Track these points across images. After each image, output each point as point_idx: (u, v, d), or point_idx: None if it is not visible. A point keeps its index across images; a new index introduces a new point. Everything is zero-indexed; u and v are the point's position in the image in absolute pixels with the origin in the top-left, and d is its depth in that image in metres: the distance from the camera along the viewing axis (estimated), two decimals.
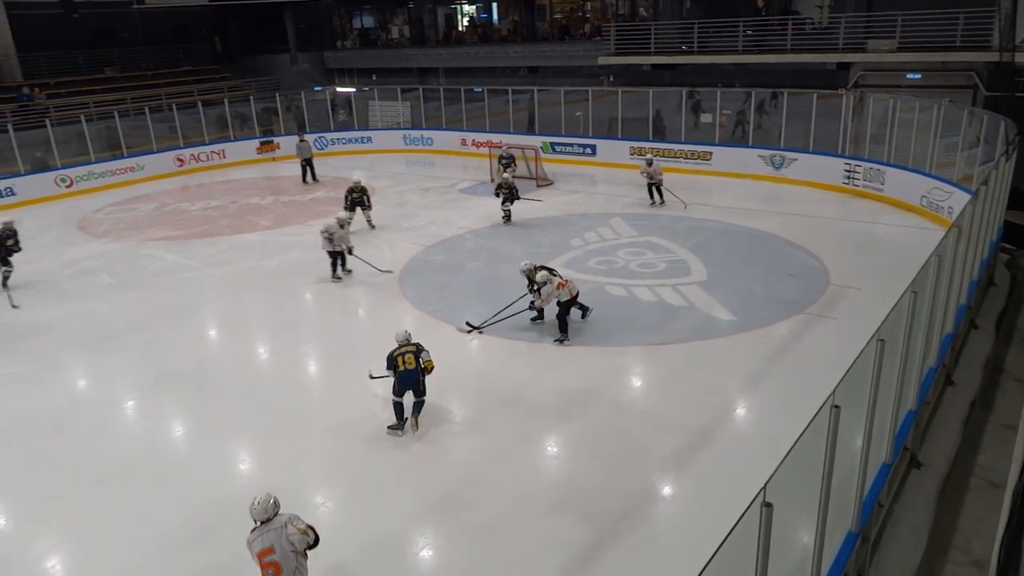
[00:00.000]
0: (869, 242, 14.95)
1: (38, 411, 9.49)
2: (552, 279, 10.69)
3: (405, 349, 8.58)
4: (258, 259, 15.30)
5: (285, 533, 5.39)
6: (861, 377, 5.23)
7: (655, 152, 21.88)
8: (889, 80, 20.06)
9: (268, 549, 5.33)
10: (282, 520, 5.46)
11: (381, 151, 26.99)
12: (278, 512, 5.50)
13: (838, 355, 9.13)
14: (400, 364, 8.47)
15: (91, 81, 30.01)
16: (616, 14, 29.38)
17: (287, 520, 5.46)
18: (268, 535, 5.37)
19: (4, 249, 13.80)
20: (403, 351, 8.56)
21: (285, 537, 5.38)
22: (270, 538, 5.36)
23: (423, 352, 8.60)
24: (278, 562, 5.33)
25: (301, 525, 5.50)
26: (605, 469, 7.72)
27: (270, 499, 5.48)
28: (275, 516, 5.46)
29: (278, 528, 5.41)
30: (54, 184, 21.85)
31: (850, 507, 5.46)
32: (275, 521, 5.44)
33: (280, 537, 5.37)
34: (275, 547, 5.34)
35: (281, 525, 5.42)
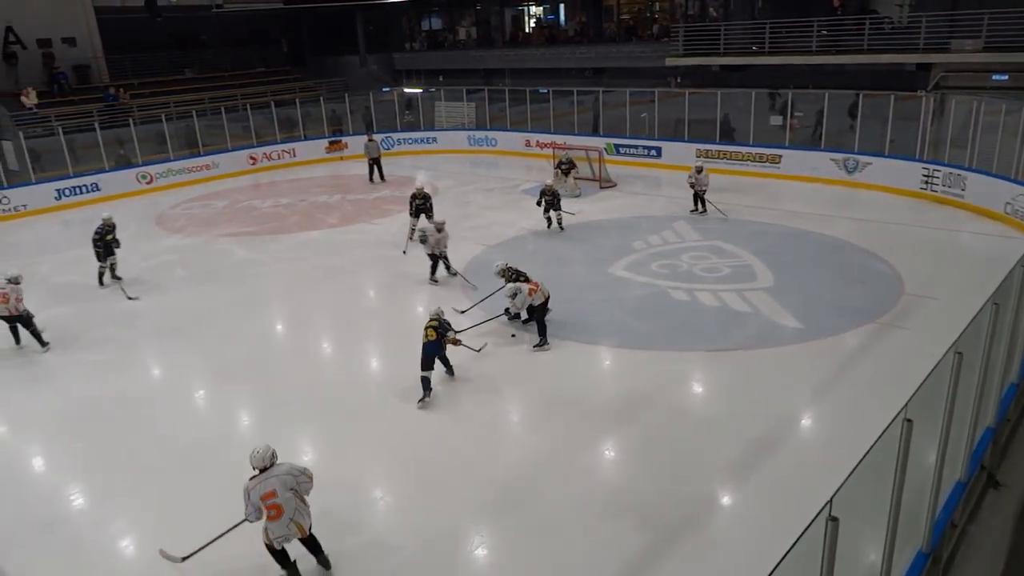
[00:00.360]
0: (947, 250, 14.34)
1: (114, 397, 9.93)
2: (522, 287, 10.61)
3: (430, 324, 9.32)
4: (324, 256, 15.67)
5: (289, 481, 6.01)
6: (936, 391, 5.03)
7: (720, 154, 21.51)
8: (973, 81, 19.16)
9: (271, 493, 5.97)
10: (283, 469, 6.06)
11: (446, 151, 27.29)
12: (275, 462, 6.08)
13: (911, 367, 8.78)
14: (424, 336, 9.18)
15: (172, 82, 31.26)
16: (685, 14, 28.97)
17: (288, 470, 6.07)
18: (269, 481, 5.98)
19: (104, 244, 14.25)
20: (429, 325, 9.31)
21: (286, 483, 5.99)
22: (271, 484, 5.97)
23: (449, 331, 9.36)
24: (280, 504, 5.97)
25: (299, 467, 6.17)
26: (663, 475, 7.62)
27: (269, 450, 6.09)
28: (272, 465, 6.06)
29: (278, 475, 6.00)
30: (135, 180, 22.88)
31: (921, 525, 5.25)
32: (274, 469, 6.04)
33: (280, 483, 5.97)
34: (277, 491, 5.96)
35: (282, 473, 6.02)
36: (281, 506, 5.97)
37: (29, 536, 7.20)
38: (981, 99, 16.63)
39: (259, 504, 5.97)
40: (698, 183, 17.01)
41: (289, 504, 6.00)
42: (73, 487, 8.02)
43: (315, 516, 6.43)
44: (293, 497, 6.02)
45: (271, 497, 5.95)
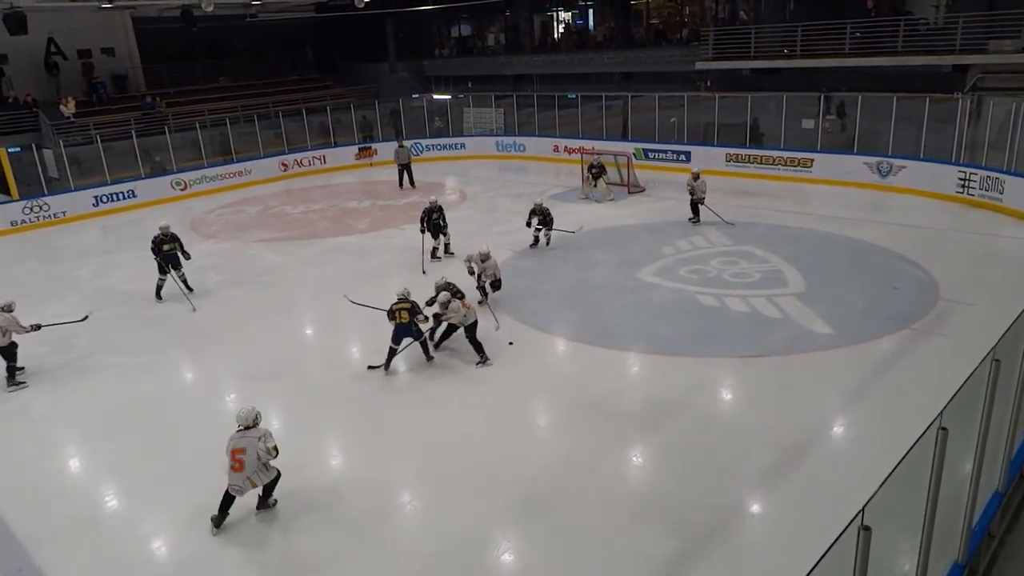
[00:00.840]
0: (984, 255, 14.03)
1: (149, 398, 10.13)
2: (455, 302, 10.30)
3: (401, 305, 9.96)
4: (354, 260, 15.83)
5: (257, 445, 6.98)
6: (972, 399, 4.93)
7: (750, 158, 21.32)
8: (1012, 83, 18.73)
9: (241, 449, 7.02)
10: (259, 432, 7.05)
11: (474, 157, 27.41)
12: (257, 424, 7.13)
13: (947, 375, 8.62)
14: (397, 317, 9.93)
15: (207, 90, 31.83)
16: (715, 18, 28.75)
17: (262, 435, 7.03)
18: (244, 440, 7.04)
19: (163, 255, 13.61)
20: (399, 307, 9.94)
21: (255, 447, 6.98)
22: (245, 442, 7.03)
23: (418, 315, 9.94)
24: (243, 460, 7.01)
25: (271, 444, 7.03)
26: (692, 482, 7.56)
27: (252, 412, 7.15)
28: (254, 426, 7.10)
29: (253, 437, 7.02)
30: (170, 187, 23.34)
31: (956, 536, 5.14)
32: (253, 431, 7.07)
33: (252, 444, 7.00)
34: (247, 449, 7.01)
35: (256, 437, 7.01)
36: (244, 463, 7.00)
37: (65, 533, 7.37)
38: (1020, 100, 16.26)
39: (228, 454, 7.05)
40: (695, 190, 16.65)
41: (251, 465, 7.00)
42: (108, 487, 8.18)
43: (342, 517, 6.47)
44: (256, 461, 6.99)
45: (239, 453, 7.01)
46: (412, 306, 9.98)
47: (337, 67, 38.80)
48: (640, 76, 28.96)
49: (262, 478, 7.17)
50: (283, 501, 7.57)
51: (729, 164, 21.79)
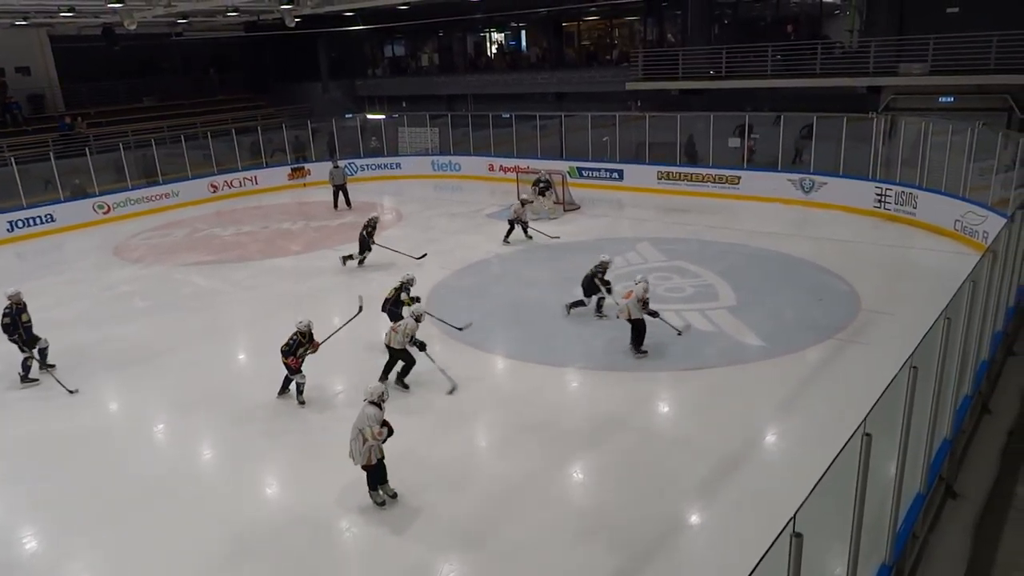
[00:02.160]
0: (901, 267, 14.72)
1: (74, 433, 9.65)
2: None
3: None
4: (289, 283, 15.50)
5: (363, 421, 7.33)
6: (893, 404, 5.13)
7: (681, 176, 21.88)
8: (921, 103, 19.85)
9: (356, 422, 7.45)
10: (369, 412, 7.31)
11: (410, 177, 27.31)
12: (379, 403, 7.41)
13: (870, 382, 8.96)
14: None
15: (130, 110, 30.90)
16: (644, 40, 29.54)
17: (370, 414, 7.30)
18: (360, 413, 7.43)
19: (17, 327, 11.08)
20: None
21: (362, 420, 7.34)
22: (359, 414, 7.44)
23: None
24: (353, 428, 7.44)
25: (375, 428, 7.28)
26: (634, 496, 7.63)
27: (380, 389, 7.52)
28: (376, 404, 7.39)
29: (363, 413, 7.35)
30: (92, 211, 22.42)
31: (883, 538, 5.33)
32: (370, 408, 7.35)
33: (361, 416, 7.37)
34: (356, 420, 7.44)
35: (365, 415, 7.32)
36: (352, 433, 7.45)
37: None
38: (929, 120, 17.21)
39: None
40: (517, 214, 17.23)
41: (352, 432, 7.41)
42: (27, 528, 7.74)
43: (282, 549, 6.29)
44: (358, 432, 7.33)
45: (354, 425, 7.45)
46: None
47: (268, 87, 38.23)
48: (573, 96, 29.49)
49: (358, 454, 7.36)
50: (221, 533, 7.31)
51: (661, 182, 22.33)
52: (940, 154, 16.43)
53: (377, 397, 7.39)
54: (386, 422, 7.44)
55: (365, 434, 7.27)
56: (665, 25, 29.27)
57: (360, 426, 7.33)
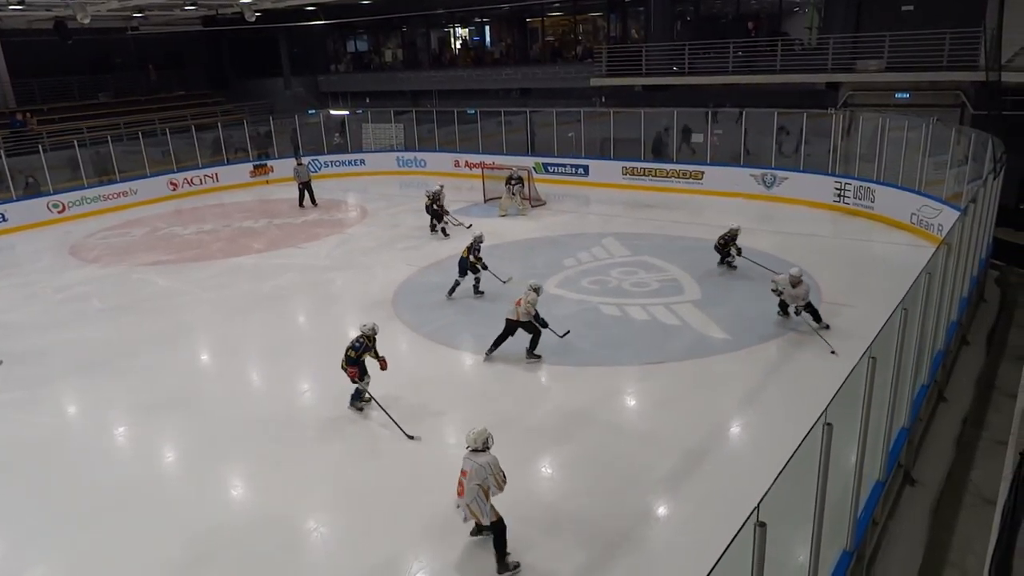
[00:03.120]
0: (860, 260, 15.03)
1: (29, 439, 9.41)
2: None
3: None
4: (251, 282, 15.28)
5: (481, 472, 6.35)
6: (854, 395, 5.25)
7: (646, 172, 22.05)
8: (878, 99, 20.27)
9: (465, 472, 6.45)
10: (487, 458, 6.39)
11: (375, 173, 27.10)
12: (488, 447, 6.46)
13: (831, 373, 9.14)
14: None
15: (85, 107, 30.12)
16: (608, 36, 29.65)
17: (489, 461, 6.38)
18: (470, 462, 6.43)
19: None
20: None
21: (478, 473, 6.34)
22: (470, 465, 6.42)
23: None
24: (464, 485, 6.45)
25: (499, 476, 6.42)
26: (601, 490, 7.69)
27: (484, 434, 6.47)
28: (484, 449, 6.44)
29: (481, 463, 6.36)
30: (46, 209, 21.84)
31: (844, 525, 5.45)
32: (481, 456, 6.40)
33: (477, 468, 6.36)
34: (469, 473, 6.39)
35: (484, 463, 6.36)
36: (464, 488, 6.42)
37: None
38: (886, 116, 17.59)
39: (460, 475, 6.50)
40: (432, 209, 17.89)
41: (471, 492, 6.38)
42: None
43: (246, 554, 6.21)
44: (478, 488, 6.34)
45: (463, 476, 6.46)
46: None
47: (228, 83, 37.57)
48: (538, 92, 29.51)
49: (480, 511, 6.43)
50: (184, 538, 7.18)
51: (626, 177, 22.49)
52: (896, 149, 16.82)
53: (482, 444, 6.42)
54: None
55: (487, 485, 6.32)
56: (628, 21, 29.42)
57: (480, 479, 6.32)
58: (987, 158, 12.65)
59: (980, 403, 8.94)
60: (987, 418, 8.55)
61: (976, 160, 13.81)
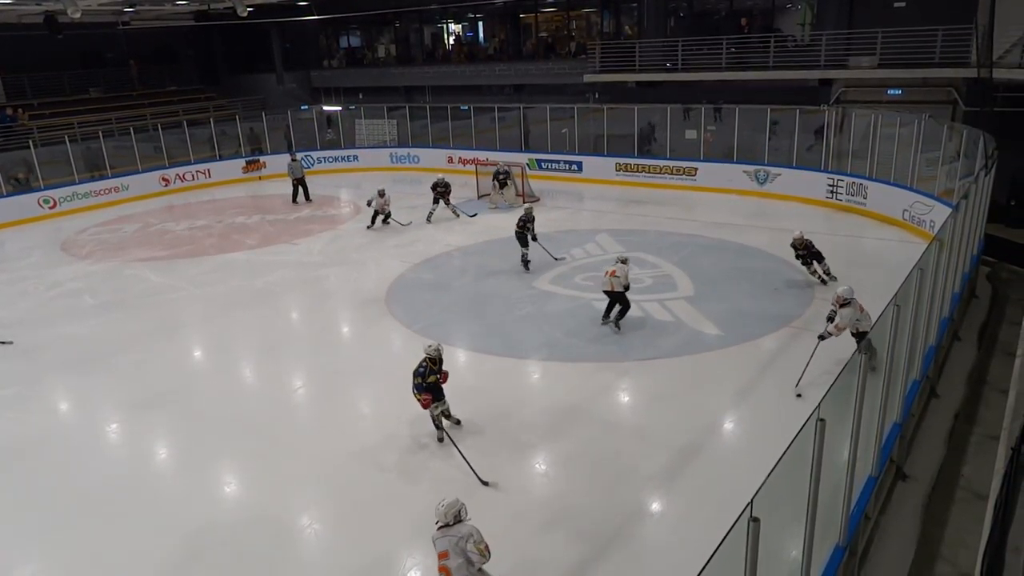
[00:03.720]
0: (853, 256, 15.06)
1: (20, 436, 9.36)
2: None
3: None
4: (244, 278, 15.22)
5: (465, 545, 5.53)
6: (846, 390, 5.26)
7: (639, 168, 22.05)
8: (870, 96, 20.32)
9: (444, 553, 5.54)
10: (464, 531, 5.59)
11: (368, 169, 27.02)
12: (461, 520, 5.65)
13: (824, 368, 9.17)
14: None
15: (75, 102, 29.94)
16: (601, 32, 29.63)
17: (469, 533, 5.57)
18: (446, 540, 5.57)
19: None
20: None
21: (463, 548, 5.53)
22: (446, 543, 5.55)
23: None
24: (450, 568, 5.52)
25: (481, 545, 5.56)
26: (595, 487, 7.69)
27: (456, 506, 5.63)
28: (457, 523, 5.62)
29: (459, 537, 5.55)
30: (37, 205, 21.71)
31: (837, 520, 5.47)
32: (457, 528, 5.59)
33: (457, 545, 5.53)
34: (450, 553, 5.52)
35: (462, 536, 5.55)
36: (450, 570, 5.53)
37: None
38: (878, 113, 17.64)
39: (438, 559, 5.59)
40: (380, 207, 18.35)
41: (459, 570, 5.54)
42: None
43: (238, 552, 6.19)
44: (464, 564, 5.55)
45: (444, 558, 5.55)
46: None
47: (220, 78, 37.40)
48: (531, 88, 29.48)
49: None
50: (176, 535, 7.16)
51: (619, 173, 22.49)
52: (889, 146, 16.86)
53: (453, 519, 5.61)
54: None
55: (473, 557, 5.53)
56: (622, 18, 29.39)
57: (459, 550, 5.55)
58: (979, 154, 12.70)
59: (972, 399, 8.98)
60: (979, 413, 8.60)
61: (968, 157, 13.86)
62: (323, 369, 11.00)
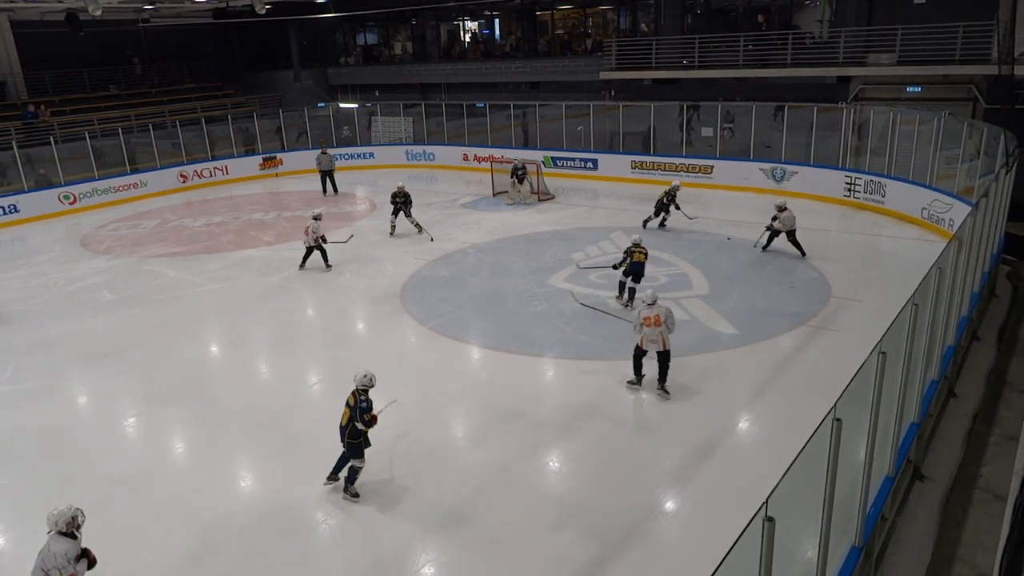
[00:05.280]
0: (870, 254, 14.96)
1: (41, 428, 9.49)
2: None
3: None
4: (260, 274, 15.33)
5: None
6: (863, 390, 5.23)
7: (654, 166, 22.00)
8: (889, 93, 20.12)
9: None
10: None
11: (384, 166, 27.11)
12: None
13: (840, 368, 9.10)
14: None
15: (96, 99, 30.23)
16: (617, 29, 29.53)
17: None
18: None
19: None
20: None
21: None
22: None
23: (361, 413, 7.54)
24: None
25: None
26: (609, 484, 7.69)
27: (68, 515, 5.73)
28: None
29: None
30: (58, 201, 21.97)
31: (853, 520, 5.44)
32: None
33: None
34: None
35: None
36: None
37: None
38: (897, 110, 17.46)
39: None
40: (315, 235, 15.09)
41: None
42: None
43: (253, 545, 6.22)
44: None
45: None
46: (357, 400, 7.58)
47: (238, 75, 37.64)
48: (547, 85, 29.43)
49: None
50: (193, 528, 7.24)
51: (635, 171, 22.42)
52: (907, 143, 16.69)
53: (64, 524, 5.71)
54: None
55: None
56: (638, 15, 29.27)
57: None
58: (999, 152, 12.54)
59: (991, 399, 8.89)
60: (998, 414, 8.51)
61: (988, 154, 13.68)
62: (338, 365, 11.04)
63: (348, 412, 7.57)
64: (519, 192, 20.30)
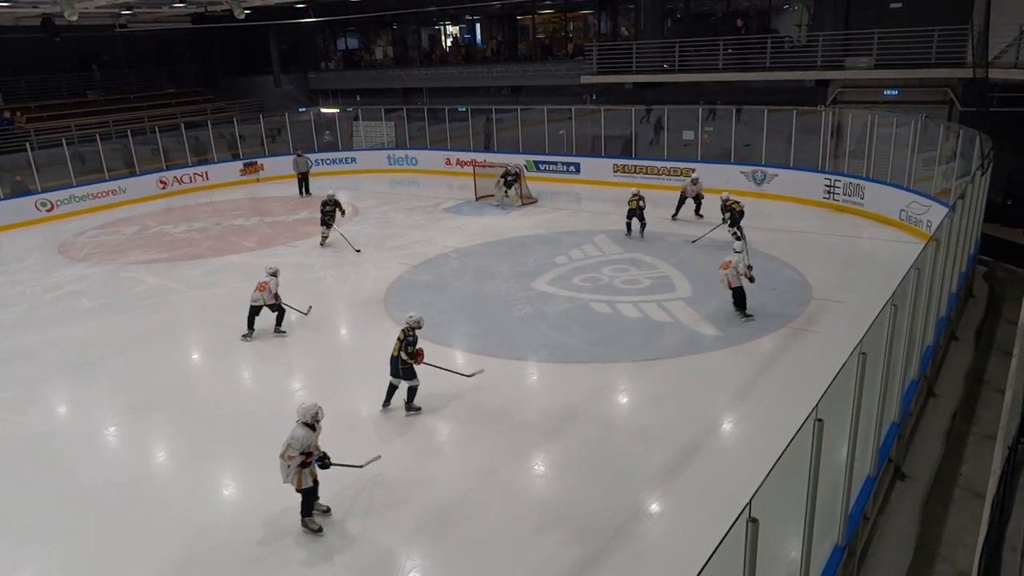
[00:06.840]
0: (850, 256, 15.10)
1: (19, 438, 9.35)
2: None
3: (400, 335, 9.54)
4: (242, 280, 15.16)
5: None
6: (844, 390, 5.27)
7: (636, 169, 22.10)
8: (867, 96, 20.36)
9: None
10: (295, 433, 7.04)
11: (365, 171, 27.03)
12: (310, 422, 7.05)
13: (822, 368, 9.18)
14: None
15: (73, 104, 29.91)
16: (598, 34, 29.64)
17: (291, 435, 7.00)
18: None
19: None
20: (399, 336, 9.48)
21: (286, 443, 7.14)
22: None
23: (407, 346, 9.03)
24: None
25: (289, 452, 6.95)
26: (594, 487, 7.70)
27: (313, 409, 6.99)
28: (307, 424, 7.04)
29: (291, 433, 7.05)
30: (34, 208, 21.69)
31: (836, 520, 5.48)
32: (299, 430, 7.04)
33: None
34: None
35: (291, 434, 7.06)
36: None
37: None
38: (875, 113, 17.67)
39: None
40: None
41: (282, 466, 7.02)
42: None
43: (236, 554, 6.18)
44: (283, 459, 6.97)
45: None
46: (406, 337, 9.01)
47: (218, 80, 37.36)
48: (528, 90, 29.49)
49: (292, 477, 7.03)
50: (173, 538, 7.16)
51: (617, 174, 22.51)
52: (886, 146, 16.90)
53: (311, 417, 6.97)
54: (324, 455, 7.11)
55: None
56: (619, 19, 29.41)
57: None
58: (975, 154, 12.73)
59: (969, 398, 9.00)
60: (976, 413, 8.62)
61: (964, 156, 13.89)
62: (322, 370, 11.00)
63: (398, 344, 8.99)
64: (506, 195, 20.38)
